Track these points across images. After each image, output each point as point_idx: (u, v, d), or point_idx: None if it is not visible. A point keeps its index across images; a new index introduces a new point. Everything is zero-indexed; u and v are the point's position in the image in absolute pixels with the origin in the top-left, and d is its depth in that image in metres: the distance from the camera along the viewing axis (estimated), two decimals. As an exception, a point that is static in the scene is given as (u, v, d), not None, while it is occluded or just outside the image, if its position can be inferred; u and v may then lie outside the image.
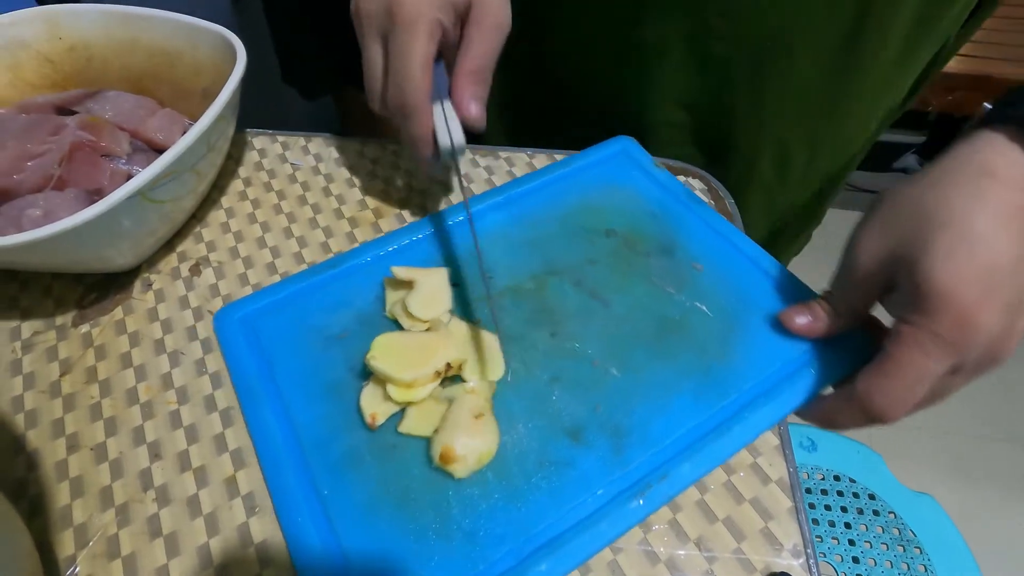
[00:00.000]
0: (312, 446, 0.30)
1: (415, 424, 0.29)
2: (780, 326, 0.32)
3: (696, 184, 0.43)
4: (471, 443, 0.28)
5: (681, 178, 0.42)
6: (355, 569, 0.26)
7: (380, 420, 0.29)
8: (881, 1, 0.37)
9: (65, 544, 0.27)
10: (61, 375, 0.33)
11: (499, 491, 0.28)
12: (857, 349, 0.30)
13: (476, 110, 0.32)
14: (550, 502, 0.27)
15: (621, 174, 0.42)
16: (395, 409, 0.30)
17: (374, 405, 0.30)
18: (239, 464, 0.30)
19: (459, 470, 0.27)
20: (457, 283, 0.35)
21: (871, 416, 0.26)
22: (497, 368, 0.31)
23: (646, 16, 0.42)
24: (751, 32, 0.40)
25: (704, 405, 0.30)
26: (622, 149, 0.43)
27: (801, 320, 0.31)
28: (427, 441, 0.29)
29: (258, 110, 0.38)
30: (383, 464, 0.29)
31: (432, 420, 0.29)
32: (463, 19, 0.32)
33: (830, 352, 0.31)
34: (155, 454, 0.30)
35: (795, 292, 0.34)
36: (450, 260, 0.37)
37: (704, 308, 0.34)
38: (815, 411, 0.30)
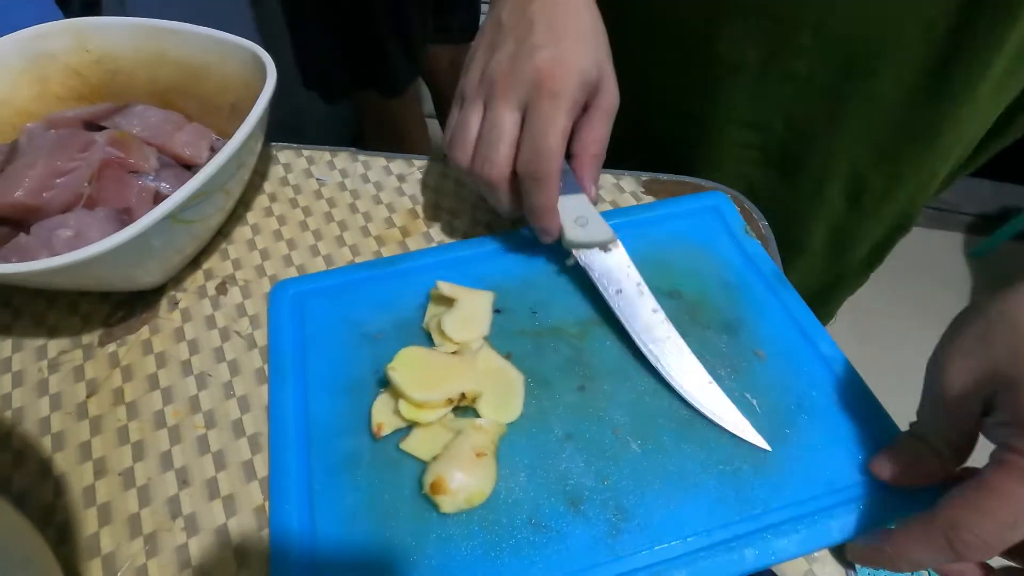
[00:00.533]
0: (318, 438, 0.29)
1: (417, 445, 0.29)
2: (833, 445, 0.28)
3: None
4: (465, 480, 0.27)
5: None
6: (322, 570, 0.26)
7: (385, 432, 0.29)
8: (983, 29, 0.35)
9: (93, 574, 0.27)
10: (88, 396, 0.33)
11: (479, 538, 0.26)
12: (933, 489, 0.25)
13: (595, 193, 0.34)
14: (526, 566, 0.26)
15: (704, 233, 0.37)
16: (402, 424, 0.29)
17: (383, 415, 0.30)
18: (268, 493, 0.29)
19: (446, 504, 0.26)
20: (500, 310, 0.34)
21: (956, 553, 0.22)
22: (512, 410, 0.30)
23: (724, 29, 0.40)
24: (837, 50, 0.38)
25: (723, 510, 0.27)
26: (713, 206, 0.39)
27: (895, 467, 0.26)
28: (424, 465, 0.28)
29: (274, 115, 0.38)
30: (377, 476, 0.28)
31: (435, 446, 0.29)
32: (586, 103, 0.32)
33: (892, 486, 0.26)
34: (183, 480, 0.30)
35: (868, 411, 0.29)
36: (501, 285, 0.35)
37: (754, 402, 0.30)
38: (874, 547, 0.25)
